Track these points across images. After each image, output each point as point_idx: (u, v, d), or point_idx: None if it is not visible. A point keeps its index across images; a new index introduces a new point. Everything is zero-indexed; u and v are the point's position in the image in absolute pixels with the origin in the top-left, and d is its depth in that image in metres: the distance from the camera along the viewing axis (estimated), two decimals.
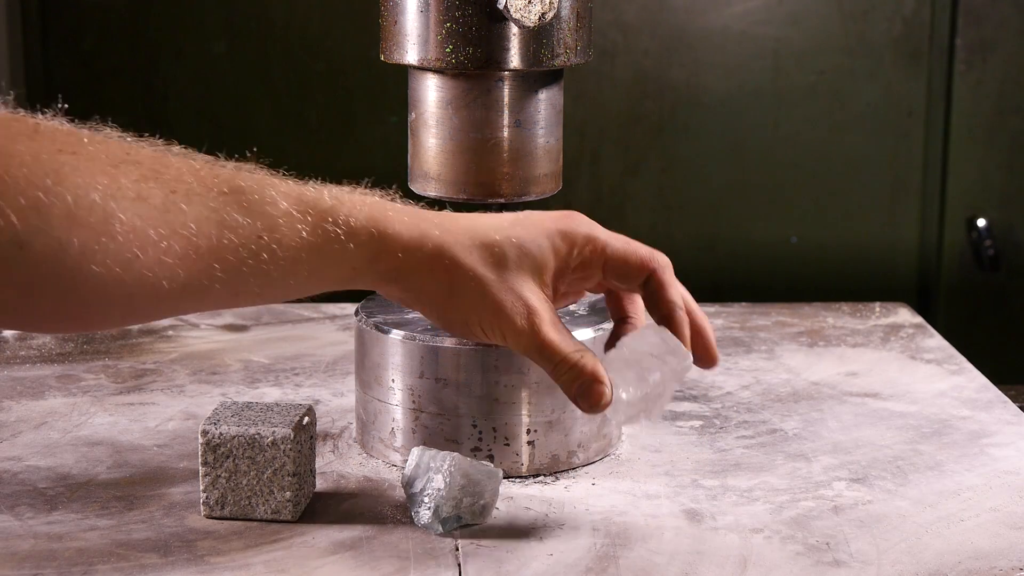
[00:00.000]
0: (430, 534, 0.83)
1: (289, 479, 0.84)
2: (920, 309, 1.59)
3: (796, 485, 0.91)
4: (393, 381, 0.92)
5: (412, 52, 0.92)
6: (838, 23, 1.61)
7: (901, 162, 1.64)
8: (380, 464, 0.94)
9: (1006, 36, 1.60)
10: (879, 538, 0.83)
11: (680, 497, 0.89)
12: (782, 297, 1.58)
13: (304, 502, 0.86)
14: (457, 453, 0.84)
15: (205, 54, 1.64)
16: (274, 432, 0.83)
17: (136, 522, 0.84)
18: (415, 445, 0.89)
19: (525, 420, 0.91)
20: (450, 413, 0.91)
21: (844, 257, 1.66)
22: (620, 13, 1.61)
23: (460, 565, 0.79)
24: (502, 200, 0.94)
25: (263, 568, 0.79)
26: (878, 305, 1.33)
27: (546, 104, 0.94)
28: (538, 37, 0.91)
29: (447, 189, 0.94)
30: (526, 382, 0.90)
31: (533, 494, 0.89)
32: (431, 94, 0.94)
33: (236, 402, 0.87)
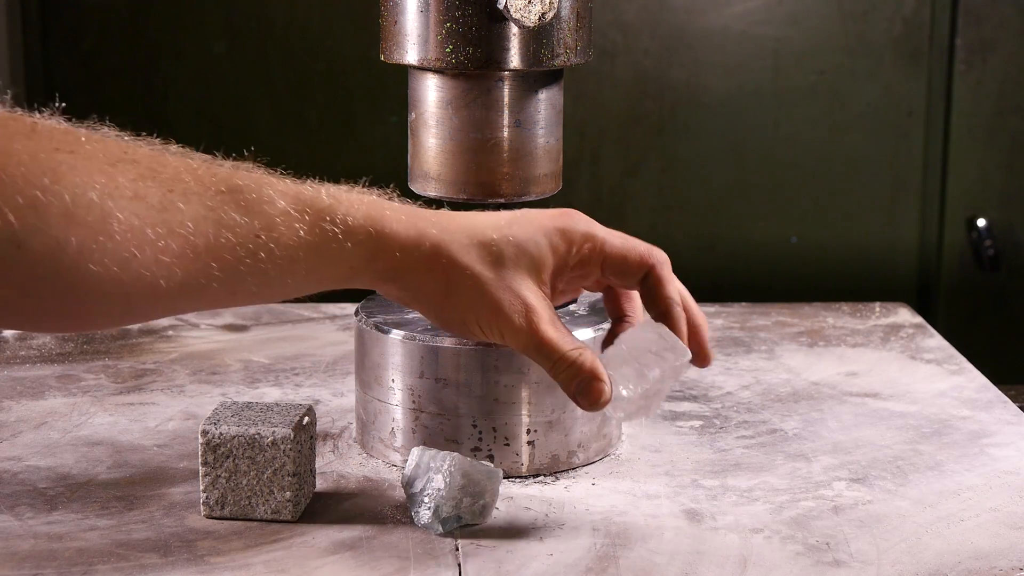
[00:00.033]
0: (430, 534, 0.83)
1: (289, 479, 0.84)
2: (920, 309, 1.59)
3: (796, 485, 0.91)
4: (393, 381, 0.92)
5: (412, 52, 0.92)
6: (838, 23, 1.61)
7: (901, 162, 1.64)
8: (380, 464, 0.94)
9: (1006, 36, 1.60)
10: (879, 538, 0.83)
11: (680, 497, 0.89)
12: (782, 297, 1.58)
13: (304, 502, 0.86)
14: (457, 453, 0.84)
15: (205, 54, 1.64)
16: (274, 432, 0.83)
17: (136, 522, 0.84)
18: (415, 445, 0.89)
19: (525, 420, 0.91)
20: (450, 413, 0.91)
21: (844, 257, 1.66)
22: (620, 13, 1.61)
23: (460, 565, 0.79)
24: (502, 200, 0.94)
25: (263, 568, 0.79)
26: (878, 305, 1.33)
27: (546, 104, 0.94)
28: (538, 37, 0.91)
29: (447, 189, 0.94)
30: (526, 382, 0.90)
31: (533, 494, 0.89)
32: (431, 94, 0.94)
33: (236, 402, 0.87)
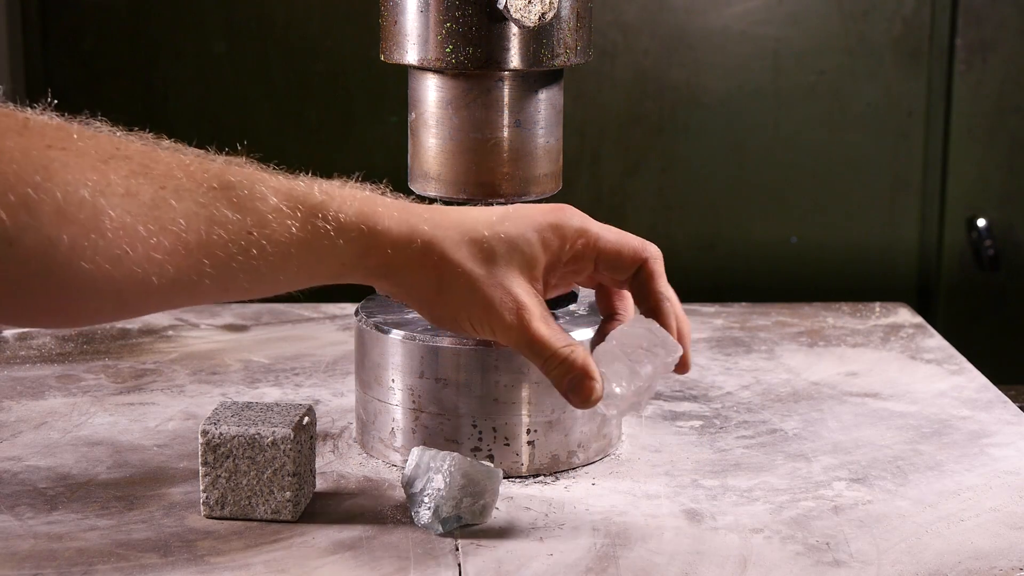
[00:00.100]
0: (430, 534, 0.83)
1: (289, 479, 0.84)
2: (920, 309, 1.59)
3: (796, 485, 0.91)
4: (393, 381, 0.92)
5: (412, 52, 0.92)
6: (838, 23, 1.61)
7: (901, 162, 1.64)
8: (380, 464, 0.94)
9: (1006, 36, 1.60)
10: (879, 538, 0.83)
11: (680, 497, 0.89)
12: (782, 297, 1.58)
13: (304, 502, 0.86)
14: (457, 453, 0.84)
15: (205, 54, 1.64)
16: (274, 432, 0.83)
17: (136, 522, 0.84)
18: (415, 445, 0.89)
19: (525, 420, 0.91)
20: (450, 413, 0.91)
21: (844, 257, 1.66)
22: (620, 13, 1.61)
23: (460, 565, 0.79)
24: (502, 200, 0.94)
25: (263, 568, 0.78)
26: (878, 305, 1.33)
27: (546, 104, 0.94)
28: (538, 37, 0.91)
29: (447, 189, 0.94)
30: (526, 382, 0.90)
31: (533, 494, 0.89)
32: (431, 94, 0.94)
33: (236, 402, 0.87)
